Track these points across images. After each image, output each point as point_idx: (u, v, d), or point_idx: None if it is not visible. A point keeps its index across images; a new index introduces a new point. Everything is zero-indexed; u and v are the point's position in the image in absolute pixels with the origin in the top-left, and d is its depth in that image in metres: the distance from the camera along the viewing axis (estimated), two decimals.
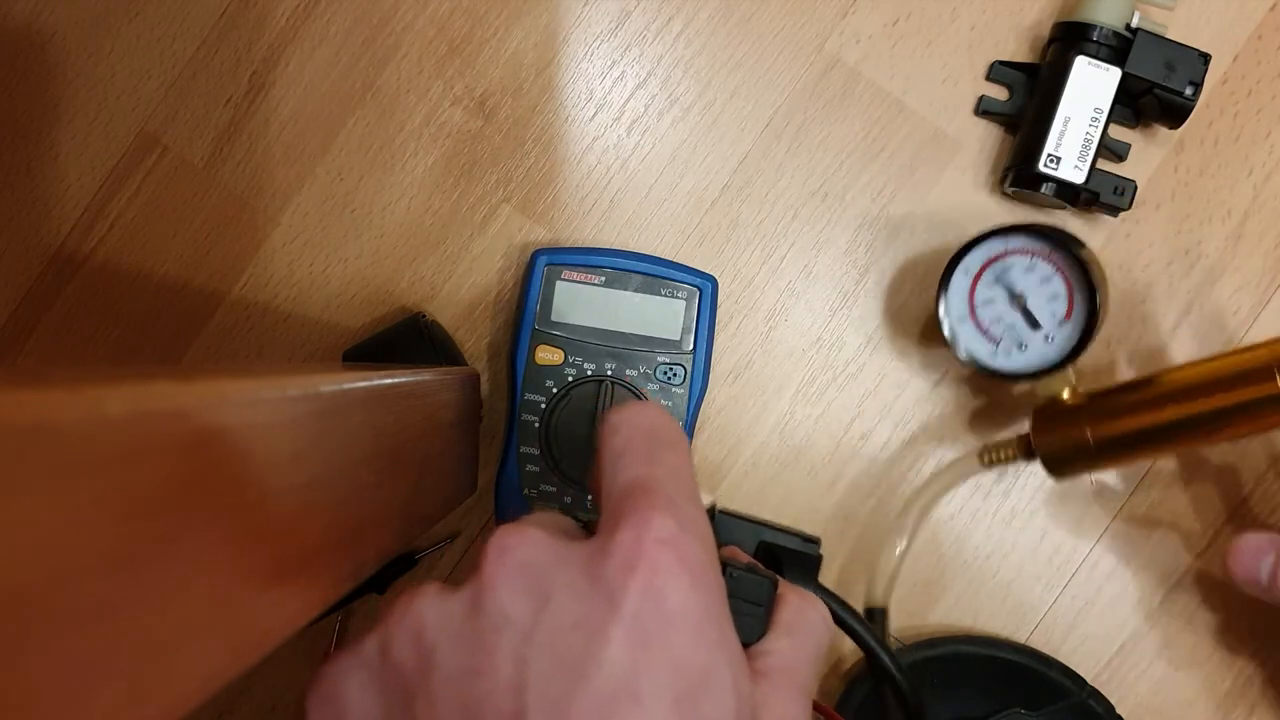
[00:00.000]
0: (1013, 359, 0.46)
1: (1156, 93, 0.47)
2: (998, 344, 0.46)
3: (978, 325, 0.46)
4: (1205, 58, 0.47)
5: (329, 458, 0.28)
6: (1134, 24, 0.48)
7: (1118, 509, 0.51)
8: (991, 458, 0.48)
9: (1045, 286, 0.46)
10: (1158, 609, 0.51)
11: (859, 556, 0.51)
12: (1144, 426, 0.44)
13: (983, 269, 0.46)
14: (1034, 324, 0.46)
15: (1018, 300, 0.46)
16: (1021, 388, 0.51)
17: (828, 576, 0.51)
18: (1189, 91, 0.47)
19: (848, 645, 0.51)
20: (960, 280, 0.47)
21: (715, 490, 0.51)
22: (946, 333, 0.46)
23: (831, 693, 0.51)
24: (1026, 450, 0.47)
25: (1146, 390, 0.44)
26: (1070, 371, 0.46)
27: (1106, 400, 0.45)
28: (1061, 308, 0.46)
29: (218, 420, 0.22)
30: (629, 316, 0.49)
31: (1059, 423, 0.46)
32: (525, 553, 0.26)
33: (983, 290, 0.46)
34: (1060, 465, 0.46)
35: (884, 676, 0.43)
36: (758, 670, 0.27)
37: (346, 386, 0.31)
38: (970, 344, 0.46)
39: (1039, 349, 0.46)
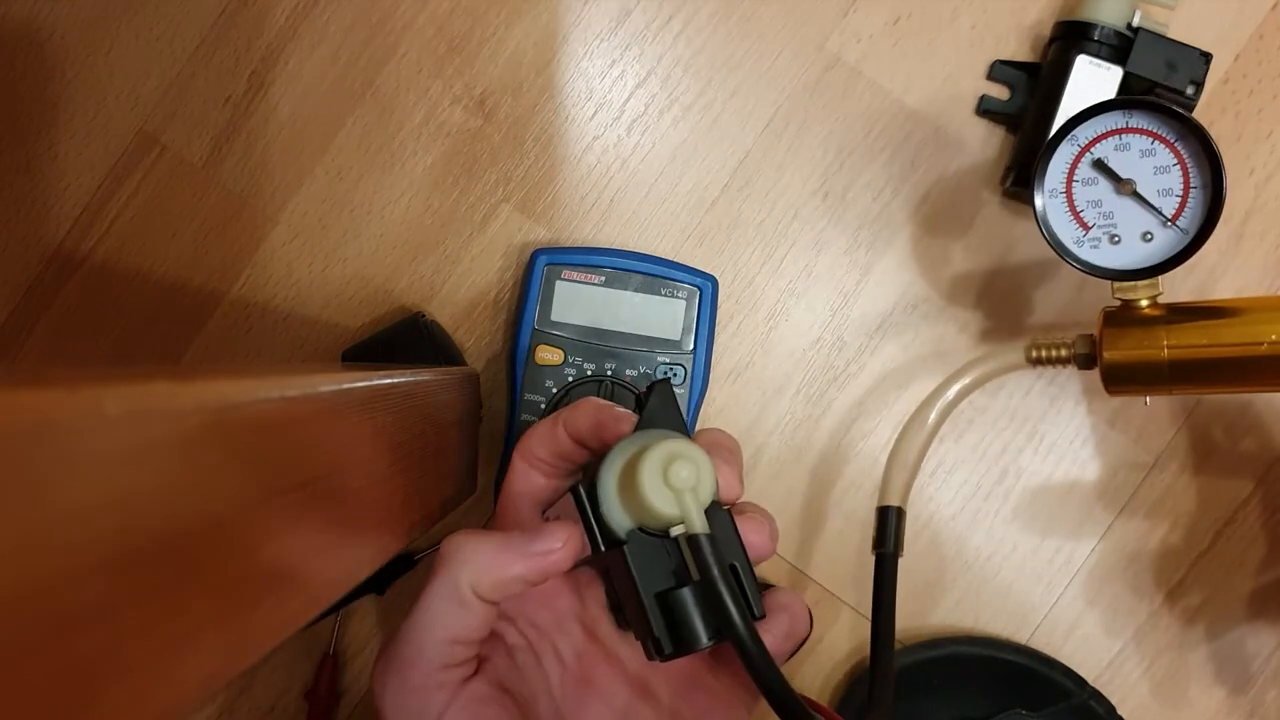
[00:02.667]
0: (1100, 252, 0.41)
1: (1158, 92, 0.47)
2: (1086, 231, 0.41)
3: (1070, 205, 0.41)
4: (1207, 57, 0.47)
5: (327, 458, 0.28)
6: (1135, 23, 0.47)
7: (1119, 509, 0.51)
8: (1042, 354, 0.43)
9: (1159, 178, 0.40)
10: (1159, 610, 0.51)
11: (859, 555, 0.51)
12: (1231, 356, 0.39)
13: (1093, 142, 0.41)
14: (1142, 214, 0.40)
15: (1125, 186, 0.40)
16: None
17: (831, 578, 0.51)
18: (1190, 91, 0.47)
19: (847, 645, 0.51)
20: (1065, 150, 0.41)
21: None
22: (1037, 206, 0.41)
23: (835, 690, 0.51)
24: (1085, 355, 0.42)
25: (1241, 317, 0.39)
26: (1160, 280, 0.41)
27: (1193, 319, 0.40)
28: (1172, 205, 0.40)
29: (217, 420, 0.22)
30: (629, 316, 0.49)
31: (1132, 332, 0.40)
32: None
33: (1085, 168, 0.41)
34: (1122, 379, 0.41)
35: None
36: None
37: (346, 386, 0.31)
38: (1058, 225, 0.41)
39: (1133, 246, 0.41)
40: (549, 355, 0.49)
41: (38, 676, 0.16)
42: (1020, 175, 0.49)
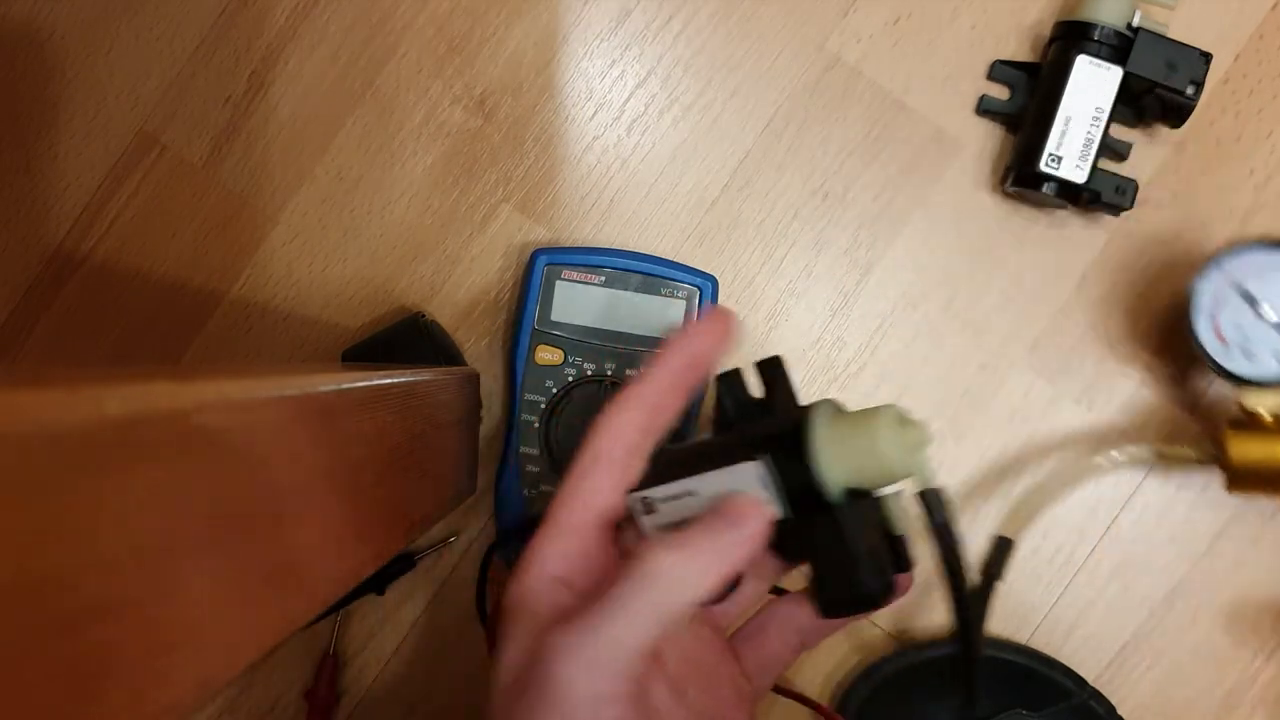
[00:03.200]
0: (1237, 363, 0.46)
1: (1158, 92, 0.47)
2: (1226, 345, 0.47)
3: (1215, 324, 0.47)
4: (1207, 57, 0.47)
5: (328, 458, 0.28)
6: (1135, 23, 0.47)
7: (1118, 510, 0.51)
8: (1168, 455, 0.47)
9: None
10: (1159, 609, 0.51)
11: None
12: None
13: (1236, 272, 0.47)
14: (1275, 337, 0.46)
15: (1261, 310, 0.46)
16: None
17: None
18: (1190, 91, 0.47)
19: (846, 645, 0.51)
20: (1216, 277, 0.47)
21: None
22: (1194, 326, 0.46)
23: (835, 690, 0.51)
24: (1212, 456, 0.46)
25: None
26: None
27: None
28: None
29: (217, 420, 0.22)
30: (629, 316, 0.49)
31: (1256, 440, 0.45)
32: None
33: (1228, 291, 0.47)
34: (1246, 483, 0.46)
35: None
36: None
37: (346, 386, 0.31)
38: (1205, 337, 0.47)
39: (1266, 362, 0.46)
40: (549, 355, 0.49)
41: (38, 676, 0.16)
42: (1021, 175, 0.49)
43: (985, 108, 0.51)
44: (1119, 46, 0.47)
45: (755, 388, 0.36)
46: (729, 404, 0.36)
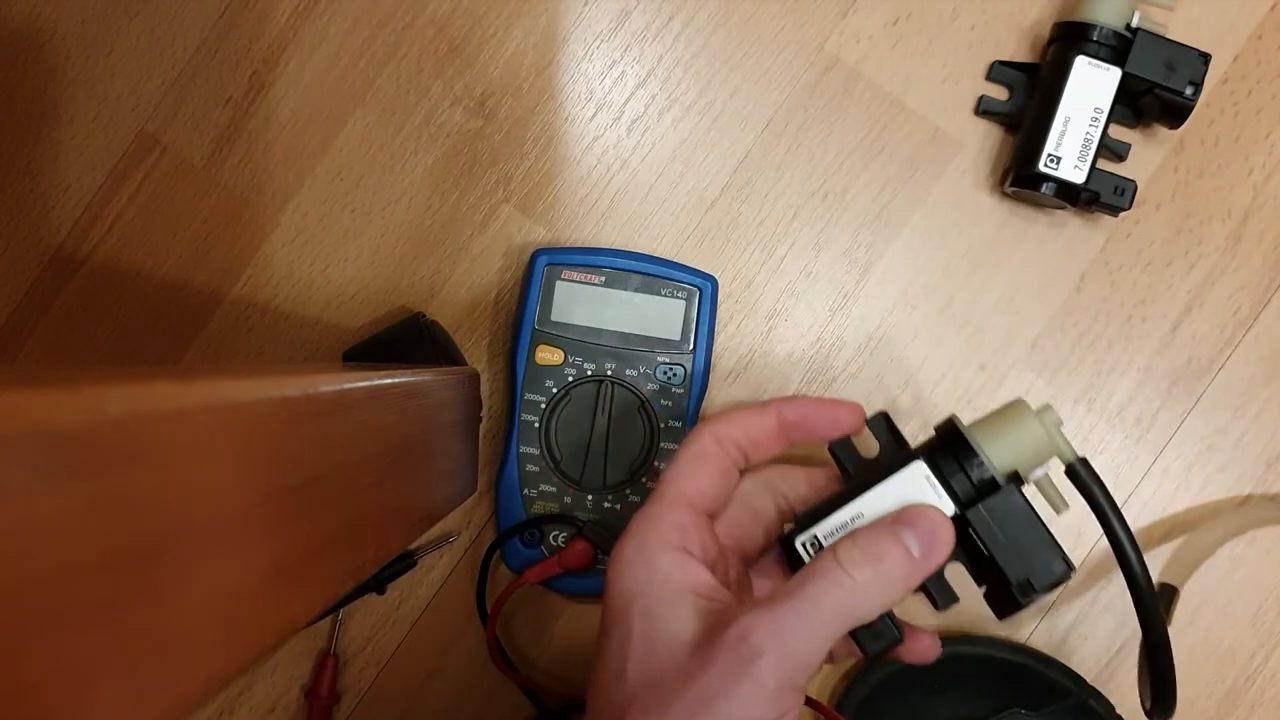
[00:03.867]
0: None
1: (1157, 92, 0.47)
2: None
3: None
4: (1205, 57, 0.47)
5: (329, 458, 0.28)
6: (1134, 24, 0.47)
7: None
8: None
9: None
10: None
11: None
12: None
13: None
14: None
15: None
16: None
17: None
18: (1189, 91, 0.47)
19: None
20: None
21: None
22: None
23: (834, 690, 0.51)
24: None
25: None
26: None
27: None
28: None
29: (217, 421, 0.22)
30: (629, 316, 0.49)
31: None
32: None
33: None
34: None
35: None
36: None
37: (346, 386, 0.31)
38: None
39: None
40: (549, 355, 0.49)
41: (38, 676, 0.16)
42: (1020, 175, 0.49)
43: (984, 108, 0.51)
44: (1118, 47, 0.47)
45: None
46: (850, 465, 0.38)
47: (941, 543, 0.34)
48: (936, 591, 0.35)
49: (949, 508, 0.35)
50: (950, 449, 0.35)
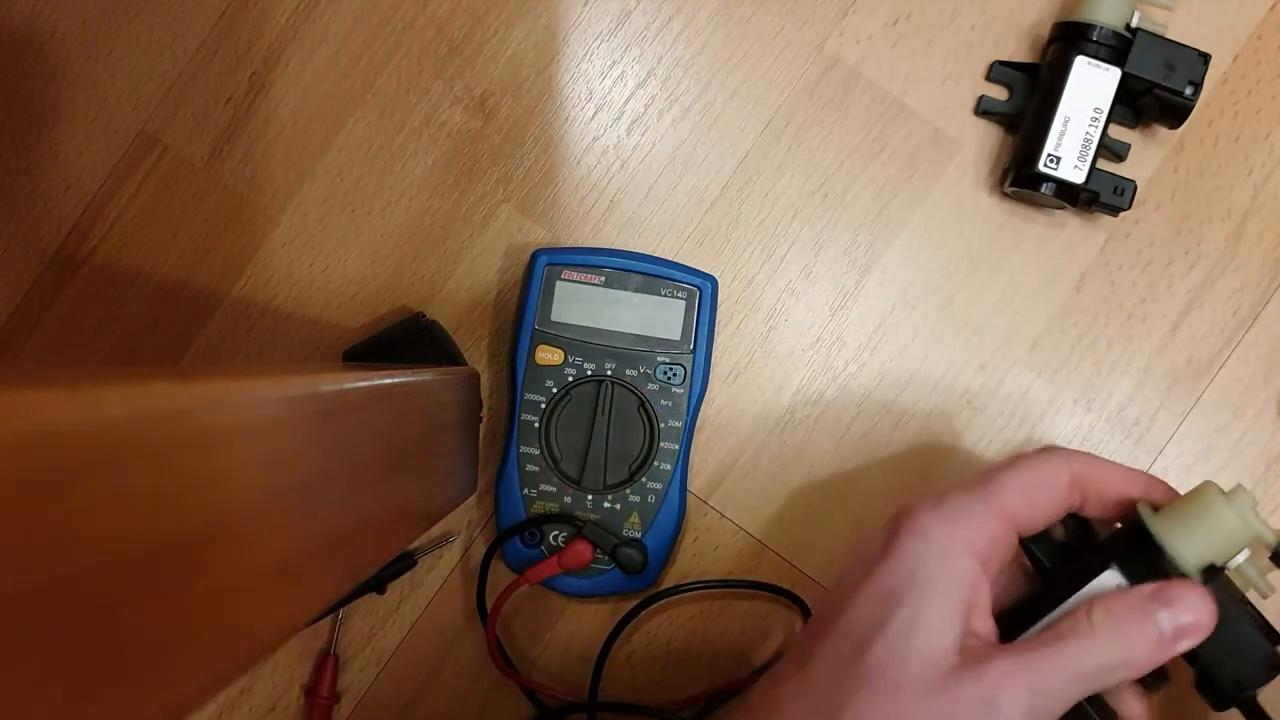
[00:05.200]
0: None
1: (1156, 92, 0.47)
2: None
3: None
4: (1205, 57, 0.47)
5: (329, 458, 0.29)
6: (1134, 24, 0.48)
7: None
8: None
9: None
10: None
11: None
12: None
13: None
14: None
15: None
16: None
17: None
18: (1189, 91, 0.47)
19: None
20: None
21: (715, 490, 0.51)
22: None
23: None
24: None
25: None
26: None
27: None
28: None
29: (218, 420, 0.22)
30: (629, 316, 0.49)
31: None
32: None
33: None
34: None
35: None
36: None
37: (346, 386, 0.31)
38: None
39: None
40: (549, 355, 0.49)
41: (38, 676, 0.16)
42: (1020, 175, 0.49)
43: (984, 108, 0.51)
44: (1117, 47, 0.47)
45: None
46: (1044, 558, 0.36)
47: (1199, 627, 0.32)
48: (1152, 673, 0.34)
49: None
50: (1140, 551, 0.34)
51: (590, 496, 0.49)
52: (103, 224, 0.52)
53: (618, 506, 0.49)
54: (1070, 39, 0.48)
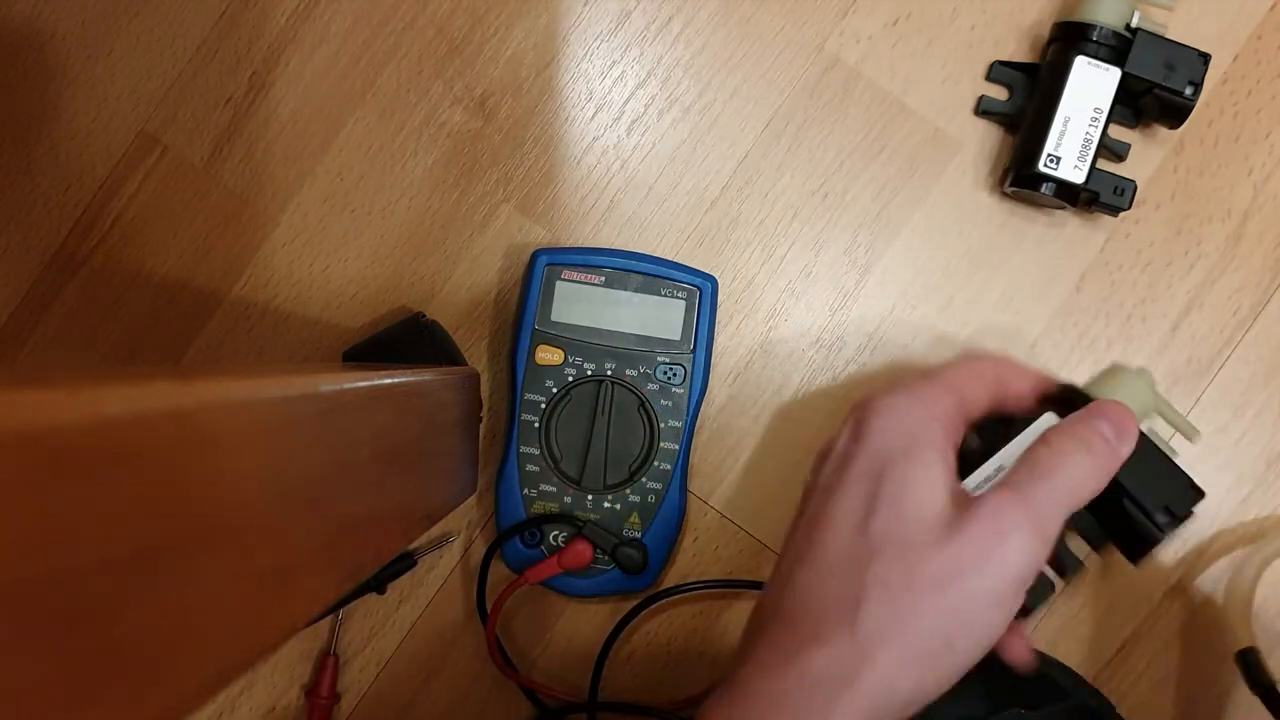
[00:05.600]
0: None
1: (1156, 92, 0.47)
2: None
3: None
4: (1205, 57, 0.47)
5: (329, 458, 0.29)
6: (1134, 24, 0.48)
7: None
8: None
9: None
10: (1158, 608, 0.51)
11: None
12: None
13: None
14: None
15: None
16: None
17: None
18: (1189, 91, 0.47)
19: None
20: None
21: (715, 490, 0.51)
22: None
23: None
24: None
25: None
26: None
27: None
28: None
29: (218, 420, 0.22)
30: (629, 316, 0.49)
31: None
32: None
33: None
34: None
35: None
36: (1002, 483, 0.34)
37: (346, 386, 0.31)
38: None
39: None
40: (549, 355, 0.49)
41: (38, 676, 0.16)
42: (1020, 175, 0.49)
43: (984, 108, 0.51)
44: (1117, 47, 0.47)
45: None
46: (972, 438, 0.38)
47: (1130, 431, 0.36)
48: (1065, 560, 0.37)
49: None
50: (1068, 406, 0.37)
51: (590, 496, 0.49)
52: (103, 224, 0.52)
53: (618, 506, 0.49)
54: (1070, 39, 0.48)
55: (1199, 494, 0.38)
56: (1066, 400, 0.38)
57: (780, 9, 0.51)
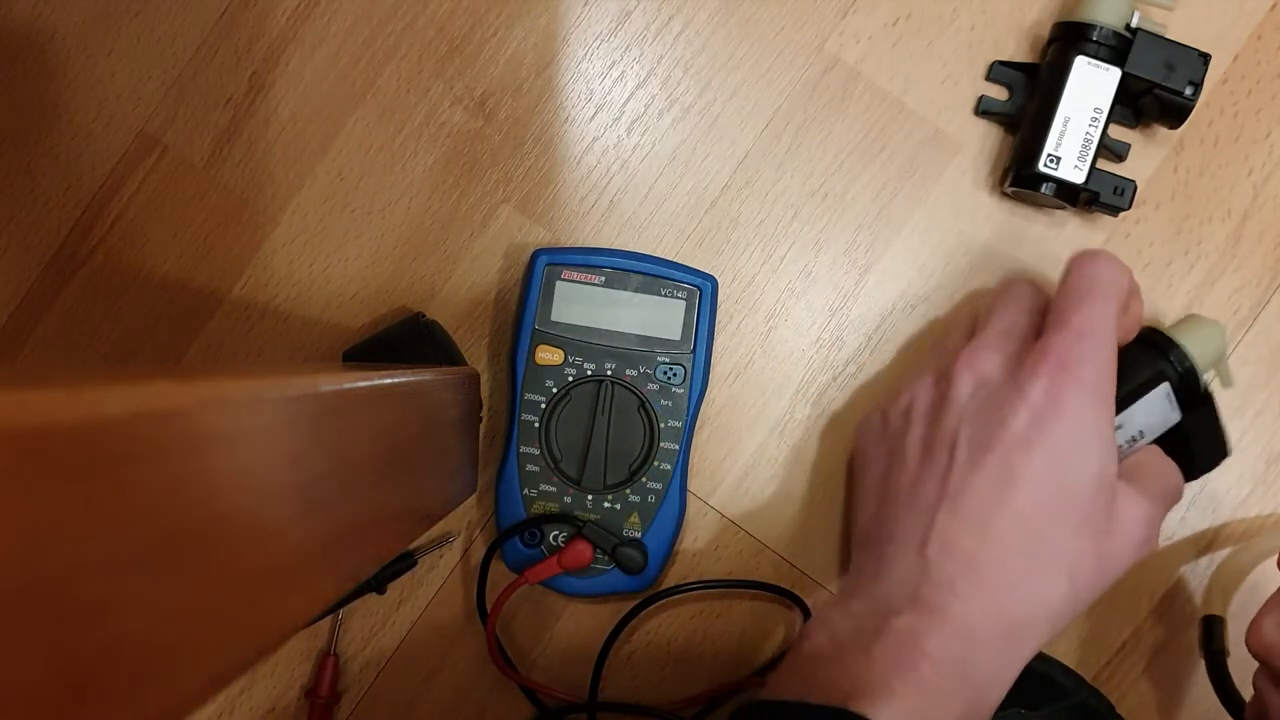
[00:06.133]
0: None
1: (1156, 93, 0.47)
2: None
3: None
4: (1205, 58, 0.47)
5: (329, 458, 0.29)
6: (1134, 24, 0.48)
7: None
8: None
9: None
10: (1157, 607, 0.51)
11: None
12: None
13: None
14: None
15: None
16: None
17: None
18: (1189, 91, 0.47)
19: None
20: None
21: (715, 490, 0.51)
22: None
23: None
24: None
25: None
26: None
27: None
28: None
29: (217, 421, 0.22)
30: (629, 316, 0.49)
31: None
32: (981, 365, 0.42)
33: None
34: None
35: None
36: (1124, 469, 0.42)
37: (347, 386, 0.31)
38: None
39: None
40: (549, 355, 0.49)
41: (37, 676, 0.16)
42: (1020, 175, 0.49)
43: (984, 108, 0.51)
44: (1117, 47, 0.47)
45: None
46: None
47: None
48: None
49: (1177, 416, 0.45)
50: (1158, 347, 0.45)
51: (590, 496, 0.49)
52: (103, 224, 0.52)
53: (618, 506, 0.49)
54: (1070, 39, 0.48)
55: (1228, 453, 0.46)
56: (1150, 342, 0.45)
57: (780, 9, 0.51)
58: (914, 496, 0.41)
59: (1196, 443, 0.45)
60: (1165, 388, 0.44)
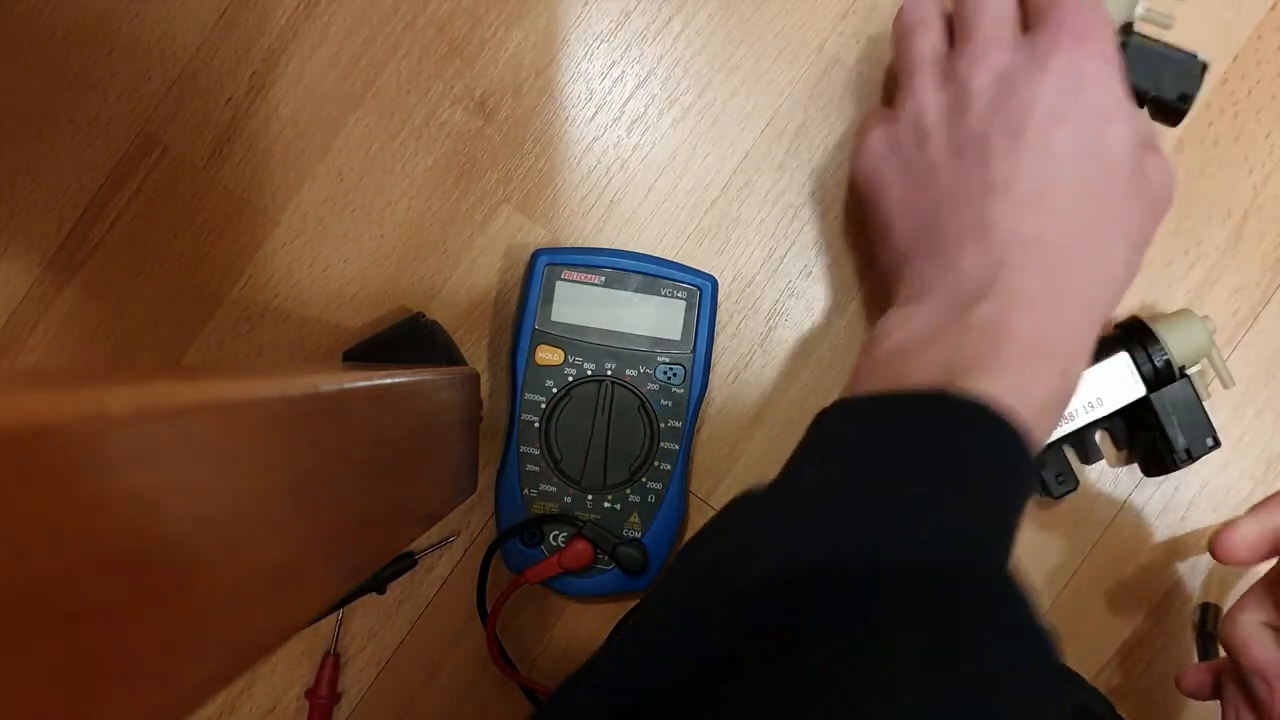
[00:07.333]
0: None
1: (1152, 98, 0.47)
2: None
3: None
4: (1202, 65, 0.47)
5: (329, 458, 0.29)
6: (1140, 13, 0.47)
7: (1117, 509, 0.51)
8: None
9: None
10: (1157, 607, 0.51)
11: None
12: None
13: None
14: None
15: None
16: None
17: None
18: (1181, 103, 0.46)
19: None
20: None
21: (715, 490, 0.51)
22: None
23: None
24: None
25: None
26: None
27: None
28: None
29: (218, 421, 0.22)
30: (629, 316, 0.49)
31: None
32: (993, 58, 0.41)
33: None
34: None
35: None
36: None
37: (346, 386, 0.31)
38: None
39: None
40: (549, 355, 0.49)
41: (38, 676, 0.16)
42: None
43: None
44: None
45: None
46: None
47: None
48: (1088, 450, 0.49)
49: (1140, 390, 0.47)
50: (1140, 338, 0.47)
51: (590, 496, 0.49)
52: (103, 224, 0.52)
53: (618, 506, 0.49)
54: None
55: (1214, 444, 0.47)
56: (1133, 330, 0.47)
57: (780, 10, 0.51)
58: (958, 196, 0.40)
59: (1172, 423, 0.47)
60: (1124, 357, 0.46)
